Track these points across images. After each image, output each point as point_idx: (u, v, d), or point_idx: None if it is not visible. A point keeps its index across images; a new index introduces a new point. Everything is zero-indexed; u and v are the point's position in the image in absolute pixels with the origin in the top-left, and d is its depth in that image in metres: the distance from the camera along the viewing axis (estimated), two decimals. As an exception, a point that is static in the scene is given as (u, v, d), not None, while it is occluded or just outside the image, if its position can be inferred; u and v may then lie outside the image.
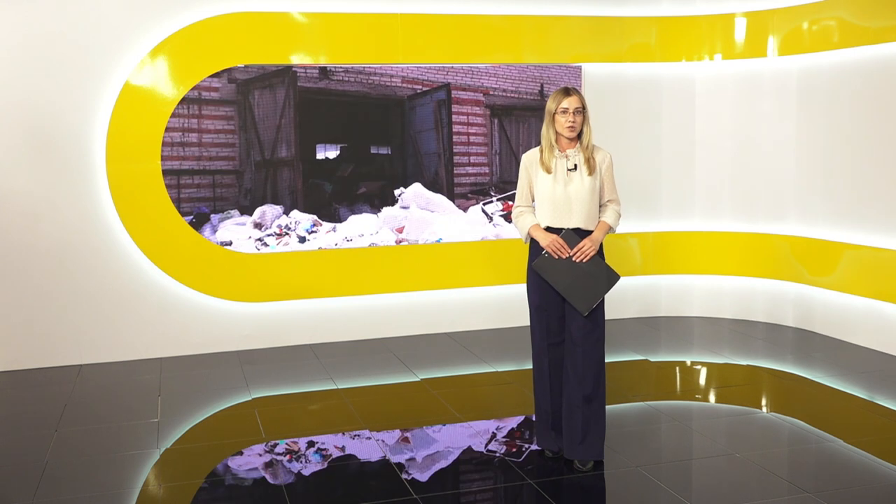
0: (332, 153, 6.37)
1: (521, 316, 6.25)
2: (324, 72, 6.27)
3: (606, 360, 4.05)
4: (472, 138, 6.62)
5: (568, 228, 3.90)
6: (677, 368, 5.88)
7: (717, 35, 6.80)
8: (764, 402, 5.13)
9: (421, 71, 6.43)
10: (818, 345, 6.19)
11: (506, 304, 6.69)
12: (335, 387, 5.37)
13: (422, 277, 6.59)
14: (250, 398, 5.18)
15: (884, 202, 5.90)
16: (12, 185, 5.76)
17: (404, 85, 6.44)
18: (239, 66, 6.07)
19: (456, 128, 6.57)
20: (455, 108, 6.54)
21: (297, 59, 6.17)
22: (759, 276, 6.87)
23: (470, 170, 6.65)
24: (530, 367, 4.21)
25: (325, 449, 4.35)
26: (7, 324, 5.84)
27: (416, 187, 6.53)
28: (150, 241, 6.01)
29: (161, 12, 5.89)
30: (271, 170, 6.27)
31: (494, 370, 5.71)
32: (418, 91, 6.47)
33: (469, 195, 6.67)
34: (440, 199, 6.59)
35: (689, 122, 6.96)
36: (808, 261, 6.52)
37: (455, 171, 6.62)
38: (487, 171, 6.69)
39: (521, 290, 4.52)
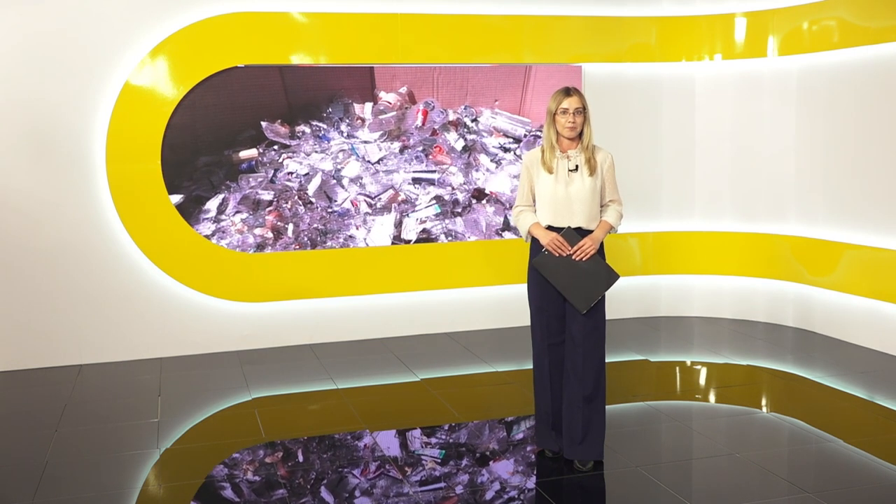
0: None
1: (521, 316, 6.26)
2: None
3: (606, 360, 4.05)
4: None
5: (569, 227, 3.90)
6: (677, 368, 5.88)
7: (717, 35, 6.79)
8: (764, 402, 5.12)
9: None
10: (818, 345, 6.19)
11: (506, 304, 6.69)
12: (335, 387, 5.37)
13: (422, 277, 6.59)
14: (250, 398, 5.18)
15: (884, 202, 5.90)
16: (12, 185, 5.76)
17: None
18: (239, 65, 6.07)
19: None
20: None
21: (297, 60, 6.17)
22: (759, 276, 6.87)
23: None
24: (530, 367, 4.21)
25: (325, 449, 4.35)
26: (7, 324, 5.84)
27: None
28: (150, 241, 6.01)
29: (161, 12, 5.89)
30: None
31: (494, 370, 5.71)
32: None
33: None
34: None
35: (689, 122, 6.96)
36: (808, 261, 6.52)
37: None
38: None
39: (521, 290, 4.52)
